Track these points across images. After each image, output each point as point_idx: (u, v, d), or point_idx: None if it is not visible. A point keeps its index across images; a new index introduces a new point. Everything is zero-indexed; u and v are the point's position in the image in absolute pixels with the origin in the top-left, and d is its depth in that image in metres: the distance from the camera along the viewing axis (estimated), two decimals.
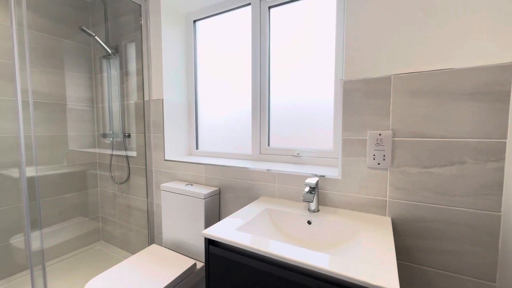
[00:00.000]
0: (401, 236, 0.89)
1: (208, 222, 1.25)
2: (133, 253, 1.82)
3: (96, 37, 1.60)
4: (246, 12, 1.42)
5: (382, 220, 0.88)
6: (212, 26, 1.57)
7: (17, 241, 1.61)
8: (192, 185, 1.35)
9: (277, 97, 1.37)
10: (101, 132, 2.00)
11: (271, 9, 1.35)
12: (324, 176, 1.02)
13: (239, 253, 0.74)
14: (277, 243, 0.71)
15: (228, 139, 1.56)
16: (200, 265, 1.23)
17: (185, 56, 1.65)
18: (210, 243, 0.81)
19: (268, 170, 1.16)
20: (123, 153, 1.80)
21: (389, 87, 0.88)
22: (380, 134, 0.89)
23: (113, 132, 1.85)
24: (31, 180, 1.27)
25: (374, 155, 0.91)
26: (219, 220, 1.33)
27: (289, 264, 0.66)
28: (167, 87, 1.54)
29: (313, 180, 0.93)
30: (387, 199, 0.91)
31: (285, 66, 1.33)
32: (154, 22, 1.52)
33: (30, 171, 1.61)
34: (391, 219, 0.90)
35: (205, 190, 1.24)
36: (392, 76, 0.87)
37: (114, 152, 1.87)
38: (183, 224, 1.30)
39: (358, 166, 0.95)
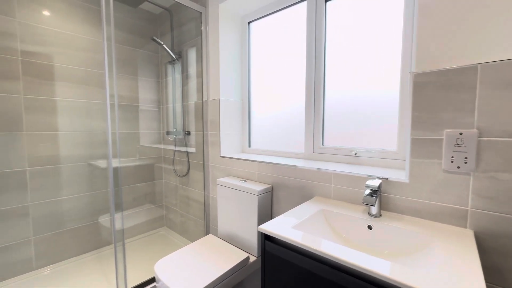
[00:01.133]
0: (487, 253, 0.76)
1: (261, 218, 1.28)
2: (191, 240, 2.00)
3: (164, 45, 1.80)
4: (300, 8, 1.39)
5: (462, 233, 0.76)
6: (265, 26, 1.60)
7: (103, 220, 1.94)
8: (245, 181, 1.41)
9: (332, 94, 1.31)
10: (166, 130, 2.25)
11: (328, 2, 1.30)
12: (387, 178, 0.94)
13: (296, 251, 0.74)
14: (337, 246, 0.68)
15: (279, 138, 1.57)
16: (252, 258, 1.27)
17: (240, 57, 1.72)
18: (266, 238, 0.83)
19: (322, 169, 1.12)
20: (184, 149, 1.98)
21: (475, 78, 0.75)
22: (461, 133, 0.77)
23: (176, 130, 2.05)
24: (114, 170, 1.52)
25: (452, 157, 0.79)
26: (271, 217, 1.35)
27: (351, 268, 0.63)
28: (223, 88, 1.62)
29: (375, 183, 0.87)
30: (469, 208, 0.78)
31: (341, 61, 1.27)
32: (212, 27, 1.62)
33: (114, 163, 1.92)
34: (474, 232, 0.77)
35: (258, 187, 1.28)
36: (479, 65, 0.74)
37: (177, 148, 2.08)
38: (237, 218, 1.37)
39: (431, 169, 0.84)
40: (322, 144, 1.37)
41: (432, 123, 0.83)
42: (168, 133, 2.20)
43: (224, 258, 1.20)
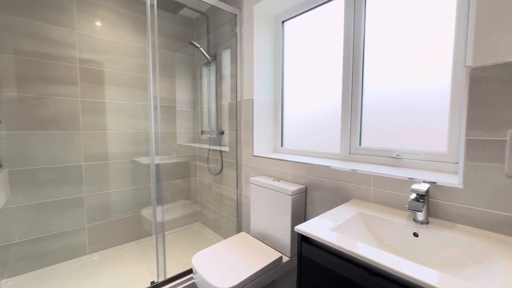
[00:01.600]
0: None
1: (295, 219, 1.27)
2: (223, 237, 2.06)
3: (200, 48, 1.88)
4: (336, 4, 1.35)
5: None
6: (299, 24, 1.58)
7: (145, 213, 2.10)
8: (279, 181, 1.41)
9: (372, 90, 1.25)
10: (200, 130, 2.34)
11: None
12: (435, 183, 0.86)
13: (335, 254, 0.72)
14: (381, 252, 0.65)
15: (313, 138, 1.54)
16: (285, 259, 1.27)
17: (273, 56, 1.72)
18: (302, 239, 0.82)
19: (360, 171, 1.07)
20: (217, 148, 2.05)
21: None
22: None
23: (210, 130, 2.13)
24: (156, 166, 1.62)
25: None
26: (305, 218, 1.33)
27: (398, 277, 0.59)
28: (257, 88, 1.64)
29: (422, 187, 0.80)
30: None
31: (382, 54, 1.19)
32: (247, 28, 1.65)
33: (155, 160, 2.06)
34: None
35: (292, 187, 1.27)
36: None
37: (211, 147, 2.16)
38: (269, 217, 1.37)
39: (490, 174, 0.75)
40: (360, 145, 1.31)
41: (493, 122, 0.74)
42: (202, 132, 2.30)
43: (257, 256, 1.21)
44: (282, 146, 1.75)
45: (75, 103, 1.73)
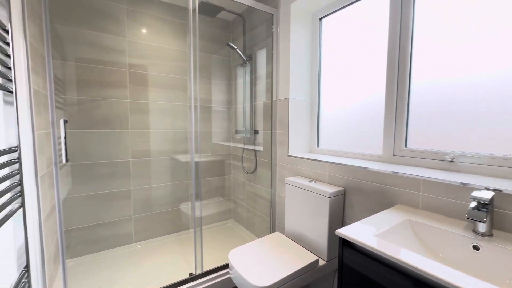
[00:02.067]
0: None
1: (332, 222, 1.23)
2: (257, 235, 2.08)
3: (237, 49, 1.92)
4: None
5: None
6: (338, 20, 1.52)
7: (183, 207, 2.22)
8: (315, 182, 1.37)
9: (420, 86, 1.15)
10: (235, 129, 2.40)
11: None
12: (501, 190, 0.76)
13: (382, 262, 0.68)
14: (435, 264, 0.60)
15: (352, 138, 1.47)
16: (322, 262, 1.24)
17: (310, 55, 1.68)
18: (344, 243, 0.79)
19: (407, 175, 0.99)
20: (252, 147, 2.08)
21: None
22: None
23: (245, 129, 2.17)
24: (195, 164, 1.70)
25: None
26: (343, 221, 1.28)
27: None
28: (293, 87, 1.62)
29: (485, 195, 0.72)
30: None
31: (434, 45, 1.09)
32: (283, 27, 1.64)
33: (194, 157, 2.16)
34: None
35: (330, 189, 1.23)
36: None
37: (245, 146, 2.19)
38: (305, 218, 1.35)
39: None
40: (405, 146, 1.22)
41: None
42: (237, 132, 2.35)
43: (292, 258, 1.20)
44: (318, 146, 1.70)
45: (124, 104, 1.89)
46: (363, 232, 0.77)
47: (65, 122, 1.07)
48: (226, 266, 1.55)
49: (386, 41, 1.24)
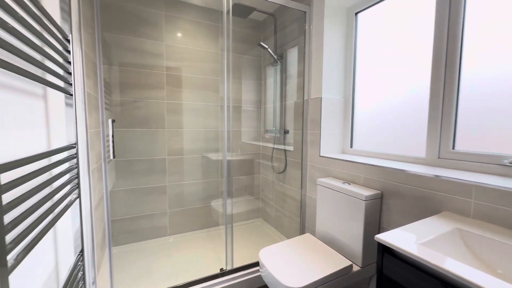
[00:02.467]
0: None
1: (368, 226, 1.17)
2: (285, 235, 2.07)
3: (268, 49, 1.92)
4: None
5: None
6: (375, 14, 1.44)
7: (214, 204, 2.29)
8: (349, 184, 1.32)
9: (472, 81, 1.04)
10: (265, 128, 2.40)
11: None
12: None
13: (430, 274, 0.63)
14: (498, 281, 0.54)
15: (389, 139, 1.38)
16: (356, 268, 1.19)
17: (344, 51, 1.62)
18: (384, 250, 0.75)
19: (457, 180, 0.91)
20: (282, 147, 2.06)
21: None
22: None
23: (275, 129, 2.16)
24: (227, 162, 1.74)
25: None
26: (379, 226, 1.22)
27: None
28: (326, 86, 1.58)
29: None
30: None
31: (490, 29, 0.98)
32: (316, 24, 1.60)
33: (221, 156, 2.22)
34: None
35: (365, 192, 1.17)
36: None
37: (275, 146, 2.19)
38: (338, 221, 1.30)
39: None
40: (453, 148, 1.11)
41: None
42: (267, 131, 2.35)
43: (324, 261, 1.17)
44: (351, 147, 1.64)
45: (162, 105, 2.01)
46: (406, 239, 0.73)
47: (113, 121, 1.17)
48: (256, 264, 1.57)
49: (431, 30, 1.15)
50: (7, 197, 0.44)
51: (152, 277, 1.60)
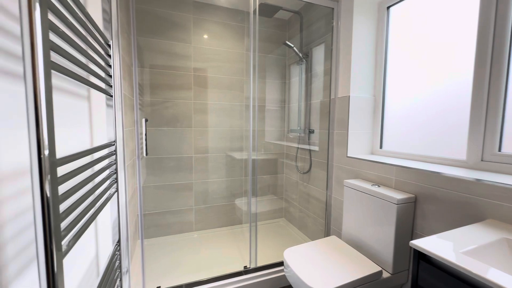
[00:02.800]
0: None
1: (400, 231, 1.11)
2: (309, 237, 2.04)
3: (294, 48, 1.90)
4: None
5: None
6: (409, 7, 1.36)
7: (238, 202, 2.32)
8: (379, 186, 1.27)
9: None
10: (289, 128, 2.38)
11: None
12: None
13: (473, 286, 0.58)
14: None
15: (424, 139, 1.30)
16: (386, 274, 1.13)
17: (374, 48, 1.55)
18: (420, 257, 0.71)
19: (506, 185, 0.83)
20: (306, 147, 2.03)
21: None
22: None
23: (299, 128, 2.14)
24: (246, 161, 1.76)
25: None
26: (412, 233, 1.15)
27: None
28: (354, 84, 1.53)
29: None
30: None
31: None
32: (345, 21, 1.55)
33: (245, 155, 2.24)
34: None
35: (397, 195, 1.11)
36: None
37: (299, 146, 2.16)
38: (366, 224, 1.25)
39: None
40: (499, 150, 1.02)
41: None
42: (291, 131, 2.33)
43: (352, 265, 1.13)
44: (381, 147, 1.56)
45: (189, 105, 2.08)
46: (445, 247, 0.68)
47: (146, 121, 1.23)
48: (279, 263, 1.57)
49: (473, 22, 1.05)
50: (61, 189, 0.49)
51: (179, 270, 1.66)
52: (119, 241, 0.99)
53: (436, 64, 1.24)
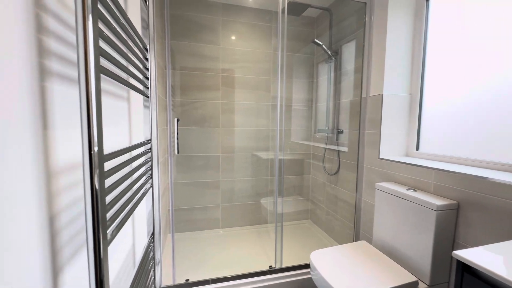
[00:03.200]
0: None
1: (439, 240, 1.03)
2: (336, 240, 1.97)
3: (323, 45, 1.86)
4: None
5: None
6: None
7: (264, 202, 2.33)
8: (415, 190, 1.18)
9: None
10: (316, 128, 2.33)
11: None
12: None
13: None
14: None
15: (469, 141, 1.18)
16: (422, 285, 1.06)
17: (411, 43, 1.45)
18: (464, 269, 0.65)
19: None
20: (334, 147, 1.97)
21: None
22: None
23: (327, 128, 2.08)
24: (272, 161, 1.74)
25: None
26: (454, 242, 1.06)
27: None
28: (388, 81, 1.44)
29: None
30: None
31: None
32: (379, 15, 1.47)
33: (271, 155, 2.24)
34: None
35: (437, 201, 1.03)
36: None
37: (327, 146, 2.10)
38: (401, 231, 1.18)
39: None
40: None
41: None
42: (318, 131, 2.28)
43: (384, 273, 1.08)
44: (417, 149, 1.46)
45: (217, 105, 2.14)
46: (494, 260, 0.61)
47: (178, 120, 1.29)
48: (305, 265, 1.54)
49: None
50: (107, 183, 0.54)
51: (206, 265, 1.72)
52: (153, 234, 1.05)
53: (484, 57, 1.13)
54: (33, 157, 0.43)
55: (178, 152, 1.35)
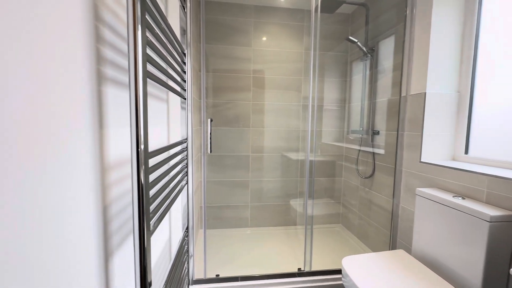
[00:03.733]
0: None
1: (492, 255, 0.92)
2: (370, 247, 1.87)
3: (358, 43, 1.78)
4: None
5: None
6: None
7: (293, 203, 2.31)
8: (463, 198, 1.07)
9: None
10: (349, 129, 2.24)
11: None
12: None
13: None
14: None
15: None
16: None
17: (460, 37, 1.32)
18: None
19: None
20: (369, 149, 1.87)
21: None
22: None
23: (362, 129, 1.98)
24: (302, 162, 1.71)
25: None
26: (511, 259, 0.94)
27: None
28: (432, 78, 1.33)
29: None
30: None
31: None
32: (421, 8, 1.37)
33: (301, 156, 2.21)
34: None
35: (491, 211, 0.92)
36: None
37: (361, 148, 2.01)
38: (446, 242, 1.08)
39: None
40: None
41: None
42: (352, 131, 2.19)
43: (426, 286, 0.99)
44: (466, 153, 1.32)
45: (248, 105, 2.18)
46: None
47: (211, 121, 1.35)
48: (336, 271, 1.49)
49: None
50: (150, 178, 0.58)
51: (235, 262, 1.76)
52: (187, 228, 1.11)
53: None
54: (92, 152, 0.49)
55: (211, 151, 1.41)
